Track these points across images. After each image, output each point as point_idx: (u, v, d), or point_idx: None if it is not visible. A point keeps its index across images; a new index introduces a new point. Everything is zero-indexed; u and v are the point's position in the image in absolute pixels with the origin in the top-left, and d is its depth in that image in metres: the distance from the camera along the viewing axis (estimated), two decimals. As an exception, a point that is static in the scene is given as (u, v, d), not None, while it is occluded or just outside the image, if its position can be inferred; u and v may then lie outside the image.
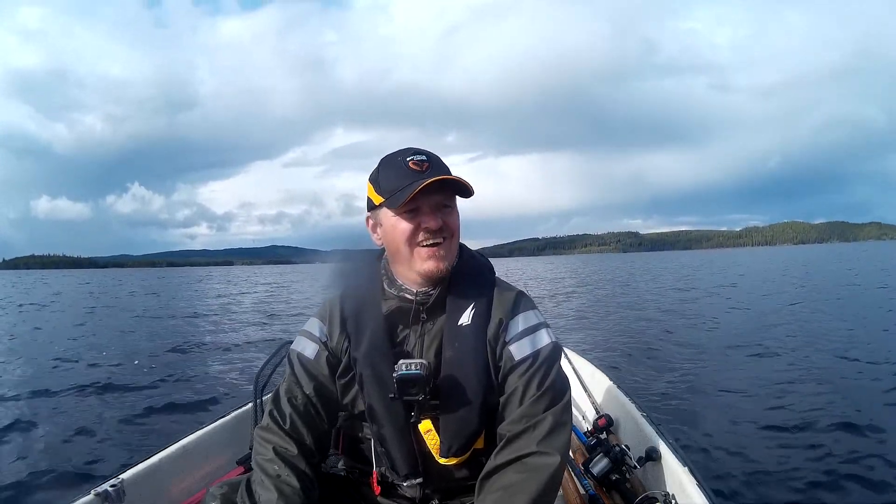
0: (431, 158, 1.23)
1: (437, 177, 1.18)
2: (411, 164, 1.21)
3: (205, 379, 6.26)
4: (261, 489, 1.22)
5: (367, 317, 1.31)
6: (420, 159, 1.22)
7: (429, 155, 1.24)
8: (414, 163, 1.21)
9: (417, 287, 1.28)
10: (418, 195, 1.18)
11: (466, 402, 1.23)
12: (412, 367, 1.18)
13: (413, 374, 1.18)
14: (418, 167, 1.21)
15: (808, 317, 10.23)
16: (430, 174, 1.19)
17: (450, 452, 1.24)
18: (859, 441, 3.69)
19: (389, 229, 1.25)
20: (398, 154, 1.25)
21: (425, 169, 1.21)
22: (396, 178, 1.21)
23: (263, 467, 1.25)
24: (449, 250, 1.25)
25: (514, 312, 1.29)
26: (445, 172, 1.22)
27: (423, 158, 1.22)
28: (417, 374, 1.18)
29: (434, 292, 1.28)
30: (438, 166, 1.23)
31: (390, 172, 1.23)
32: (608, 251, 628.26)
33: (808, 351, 6.86)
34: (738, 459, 3.43)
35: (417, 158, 1.22)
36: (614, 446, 1.85)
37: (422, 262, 1.23)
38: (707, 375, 5.76)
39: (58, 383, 6.15)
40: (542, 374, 1.23)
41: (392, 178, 1.22)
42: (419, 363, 1.19)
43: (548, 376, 1.24)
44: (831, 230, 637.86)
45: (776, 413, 4.36)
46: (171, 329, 11.14)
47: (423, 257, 1.23)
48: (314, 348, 1.34)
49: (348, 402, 1.33)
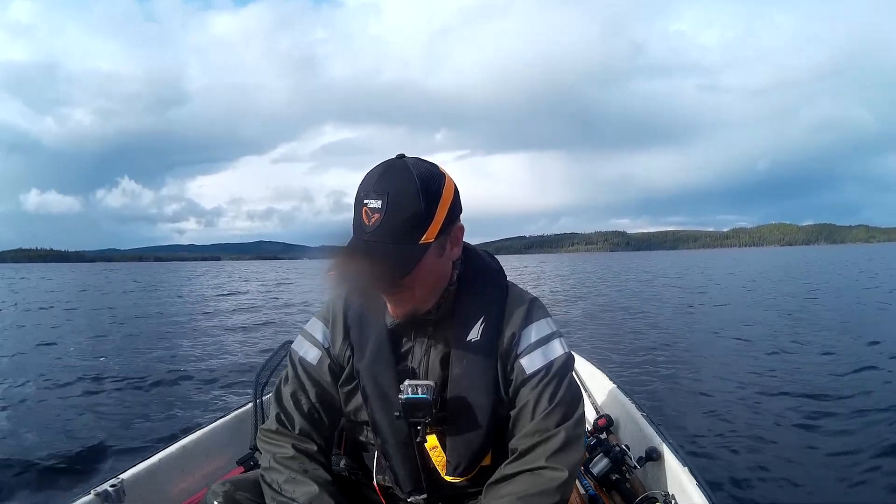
0: (389, 205, 1.01)
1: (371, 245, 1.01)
2: (364, 211, 1.03)
3: (205, 379, 6.20)
4: (294, 485, 1.16)
5: (370, 328, 1.24)
6: (372, 207, 1.01)
7: (388, 199, 1.01)
8: (366, 211, 1.02)
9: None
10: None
11: (474, 422, 1.18)
12: (419, 391, 1.13)
13: (419, 398, 1.12)
14: (367, 219, 1.02)
15: (807, 317, 10.35)
16: (374, 233, 1.01)
17: (456, 471, 1.20)
18: (860, 441, 3.72)
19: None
20: (365, 188, 1.05)
21: (373, 223, 1.01)
22: (354, 221, 1.07)
23: (288, 465, 1.20)
24: (409, 298, 1.13)
25: (526, 323, 1.22)
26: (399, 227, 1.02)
27: (375, 207, 1.01)
28: (424, 398, 1.12)
29: (438, 308, 1.20)
30: (391, 220, 1.01)
31: (354, 211, 1.07)
32: (595, 250, 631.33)
33: (808, 351, 6.95)
34: (738, 459, 3.46)
35: (370, 206, 1.02)
36: (614, 446, 1.85)
37: (388, 306, 1.18)
38: (707, 375, 5.81)
39: (56, 383, 6.07)
40: (554, 388, 1.18)
41: (353, 219, 1.07)
42: (426, 386, 1.14)
43: (559, 389, 1.18)
44: (819, 232, 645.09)
45: (776, 413, 4.40)
46: (169, 328, 10.98)
47: (388, 303, 1.17)
48: (317, 354, 1.28)
49: (351, 409, 1.29)
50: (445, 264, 1.17)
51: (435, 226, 1.06)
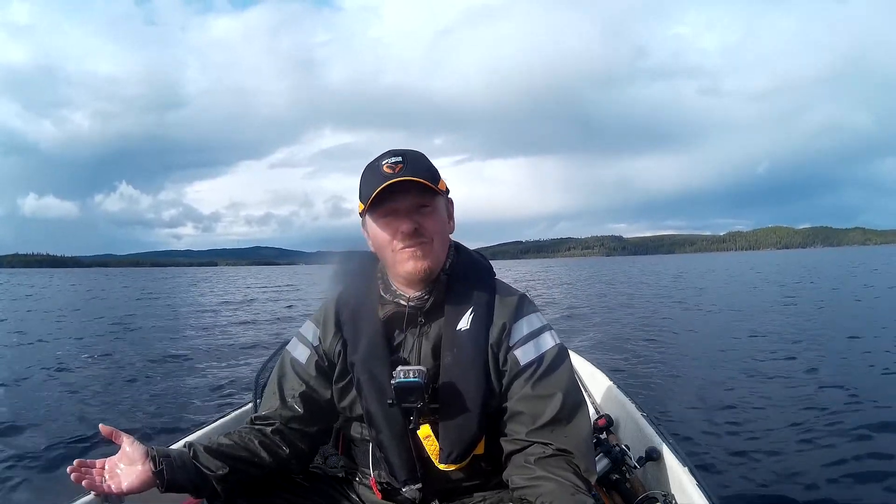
0: (408, 158, 1.20)
1: (404, 177, 1.16)
2: (385, 167, 1.18)
3: (204, 379, 6.22)
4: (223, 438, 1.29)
5: (364, 321, 1.30)
6: (393, 161, 1.18)
7: (406, 155, 1.20)
8: (388, 165, 1.18)
9: (412, 292, 1.27)
10: (392, 199, 1.18)
11: (466, 409, 1.21)
12: (410, 375, 1.17)
13: (411, 382, 1.16)
14: (391, 169, 1.17)
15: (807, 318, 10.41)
16: (402, 175, 1.17)
17: (449, 459, 1.23)
18: (860, 440, 3.74)
19: (373, 235, 1.26)
20: (378, 158, 1.22)
21: (398, 171, 1.17)
22: (371, 182, 1.19)
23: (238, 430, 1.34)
24: (429, 251, 1.22)
25: (517, 316, 1.27)
26: (421, 172, 1.19)
27: (396, 160, 1.18)
28: (416, 382, 1.16)
29: (430, 297, 1.27)
30: (414, 166, 1.19)
31: (368, 177, 1.21)
32: (592, 255, 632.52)
33: (807, 351, 6.98)
34: (739, 459, 3.46)
35: (391, 161, 1.18)
36: (614, 446, 1.85)
37: (402, 264, 1.22)
38: (707, 375, 5.83)
39: (56, 383, 6.09)
40: (549, 377, 1.22)
41: (369, 182, 1.20)
42: (418, 370, 1.18)
43: (554, 378, 1.22)
44: (815, 235, 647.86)
45: (776, 413, 4.41)
46: (170, 331, 11.00)
47: (403, 259, 1.22)
48: (306, 352, 1.35)
49: (346, 405, 1.33)
50: (449, 228, 1.30)
51: (443, 183, 1.25)
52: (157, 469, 1.15)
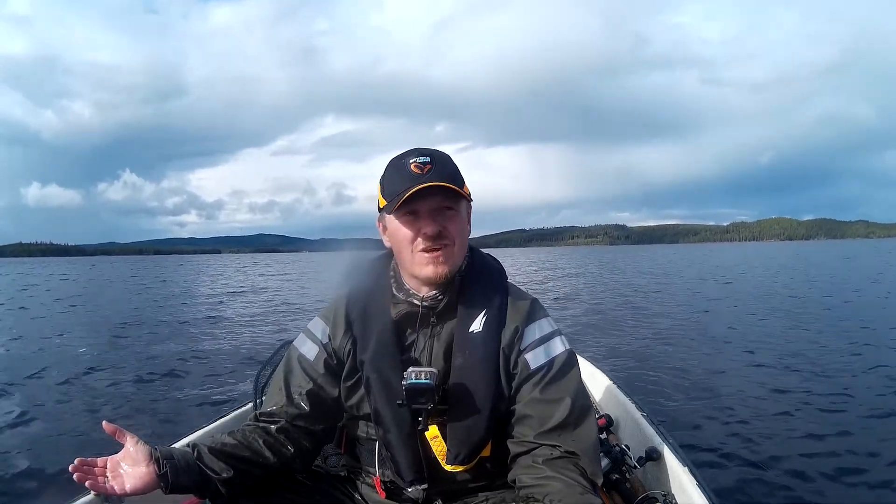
0: (435, 159, 1.20)
1: (433, 182, 1.16)
2: (413, 166, 1.18)
3: (204, 378, 6.20)
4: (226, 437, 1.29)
5: (374, 320, 1.29)
6: (422, 161, 1.19)
7: (433, 156, 1.21)
8: (416, 165, 1.18)
9: (425, 292, 1.27)
10: (417, 199, 1.17)
11: (475, 411, 1.22)
12: (422, 377, 1.17)
13: (423, 383, 1.16)
14: (420, 170, 1.18)
15: (807, 316, 10.33)
16: (431, 177, 1.17)
17: (456, 460, 1.24)
18: (860, 440, 3.74)
19: (392, 233, 1.25)
20: (404, 155, 1.23)
21: (426, 171, 1.18)
22: (398, 181, 1.19)
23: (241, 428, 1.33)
24: (450, 255, 1.23)
25: (529, 320, 1.28)
26: (449, 175, 1.20)
27: (425, 160, 1.19)
28: (427, 384, 1.16)
29: (443, 297, 1.26)
30: (442, 169, 1.20)
31: (394, 175, 1.22)
32: (596, 244, 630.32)
33: (807, 351, 6.94)
34: (738, 459, 3.46)
35: (420, 161, 1.19)
36: (614, 446, 1.85)
37: (421, 267, 1.22)
38: (707, 375, 5.81)
39: (55, 383, 6.07)
40: (558, 382, 1.23)
41: (394, 180, 1.21)
42: (429, 372, 1.18)
43: (563, 383, 1.23)
44: (819, 227, 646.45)
45: (776, 413, 4.41)
46: (169, 326, 10.97)
47: (423, 263, 1.21)
48: (314, 350, 1.34)
49: (353, 404, 1.33)
50: (468, 232, 1.30)
51: (467, 188, 1.25)
52: (161, 472, 1.15)
